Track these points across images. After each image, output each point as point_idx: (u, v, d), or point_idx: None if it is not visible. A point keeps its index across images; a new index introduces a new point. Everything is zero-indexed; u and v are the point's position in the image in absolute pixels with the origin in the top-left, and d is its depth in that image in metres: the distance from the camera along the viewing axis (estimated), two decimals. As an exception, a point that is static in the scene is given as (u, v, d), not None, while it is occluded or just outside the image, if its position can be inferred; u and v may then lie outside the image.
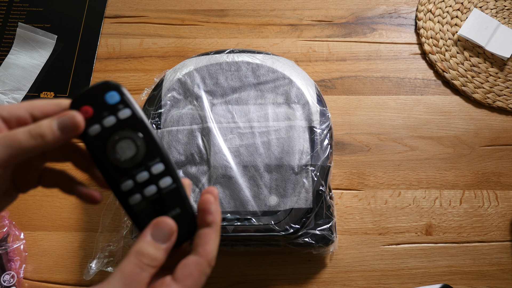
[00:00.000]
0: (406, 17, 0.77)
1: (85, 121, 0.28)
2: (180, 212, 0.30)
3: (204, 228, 0.29)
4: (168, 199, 0.30)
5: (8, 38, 0.75)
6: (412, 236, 0.61)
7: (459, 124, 0.68)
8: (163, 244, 0.28)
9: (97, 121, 0.29)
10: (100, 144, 0.29)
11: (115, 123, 0.29)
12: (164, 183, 0.30)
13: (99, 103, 0.29)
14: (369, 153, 0.66)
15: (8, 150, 0.25)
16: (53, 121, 0.27)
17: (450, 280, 0.59)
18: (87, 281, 0.58)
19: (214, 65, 0.60)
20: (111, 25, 0.77)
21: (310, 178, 0.54)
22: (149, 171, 0.30)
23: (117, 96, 0.29)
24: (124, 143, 0.29)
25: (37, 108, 0.28)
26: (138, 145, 0.29)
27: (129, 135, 0.29)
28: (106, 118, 0.29)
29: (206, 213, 0.30)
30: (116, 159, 0.29)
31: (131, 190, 0.30)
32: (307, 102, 0.57)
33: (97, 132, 0.29)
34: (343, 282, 0.59)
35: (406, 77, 0.72)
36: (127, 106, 0.30)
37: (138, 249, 0.27)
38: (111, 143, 0.29)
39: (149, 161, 0.30)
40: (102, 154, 0.29)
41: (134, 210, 0.30)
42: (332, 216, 0.57)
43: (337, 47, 0.74)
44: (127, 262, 0.27)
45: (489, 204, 0.63)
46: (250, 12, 0.77)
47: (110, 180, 0.30)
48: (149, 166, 0.30)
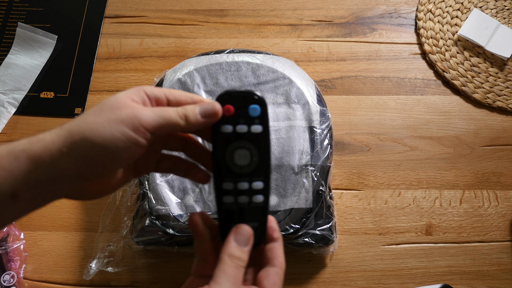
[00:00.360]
0: (406, 17, 0.77)
1: (223, 117, 0.32)
2: (257, 226, 0.34)
3: (272, 243, 0.35)
4: (253, 213, 0.34)
5: (8, 38, 0.75)
6: (412, 236, 0.61)
7: (459, 124, 0.68)
8: (245, 247, 0.33)
9: (232, 123, 0.33)
10: (225, 142, 0.33)
11: (245, 133, 0.33)
12: (257, 199, 0.34)
13: (241, 109, 0.33)
14: (369, 153, 0.66)
15: (161, 120, 0.30)
16: (196, 107, 0.32)
17: (450, 280, 0.59)
18: (87, 281, 0.58)
19: (214, 65, 0.60)
20: (111, 25, 0.77)
21: (310, 178, 0.54)
22: (250, 184, 0.33)
23: (258, 111, 0.33)
24: (243, 152, 0.33)
25: (173, 95, 0.32)
26: (253, 160, 0.33)
27: (250, 148, 0.33)
28: (240, 125, 0.33)
29: (273, 230, 0.35)
30: (230, 160, 0.33)
31: (229, 191, 0.33)
32: (307, 102, 0.57)
33: (228, 132, 0.33)
34: (343, 282, 0.59)
35: (406, 77, 0.72)
36: (262, 123, 0.33)
37: (230, 253, 0.32)
38: (233, 147, 0.33)
39: (254, 176, 0.33)
40: (222, 151, 0.33)
41: (223, 207, 0.34)
42: (332, 216, 0.56)
43: (337, 47, 0.74)
44: (226, 265, 0.31)
45: (489, 204, 0.63)
46: (250, 12, 0.77)
47: (217, 174, 0.33)
48: (252, 180, 0.33)
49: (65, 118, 0.69)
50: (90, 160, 0.29)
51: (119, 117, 0.29)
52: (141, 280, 0.59)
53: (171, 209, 0.53)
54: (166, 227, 0.53)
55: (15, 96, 0.71)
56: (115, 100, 0.31)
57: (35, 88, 0.72)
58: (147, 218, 0.54)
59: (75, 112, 0.70)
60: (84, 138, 0.29)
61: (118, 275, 0.59)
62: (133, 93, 0.31)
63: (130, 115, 0.29)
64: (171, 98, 0.32)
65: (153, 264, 0.59)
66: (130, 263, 0.59)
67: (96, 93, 0.71)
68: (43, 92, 0.72)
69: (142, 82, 0.72)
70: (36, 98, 0.71)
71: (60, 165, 0.29)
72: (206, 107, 0.32)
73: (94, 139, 0.29)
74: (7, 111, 0.70)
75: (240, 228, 0.33)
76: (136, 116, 0.29)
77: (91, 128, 0.29)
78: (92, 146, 0.29)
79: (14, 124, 0.69)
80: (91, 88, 0.72)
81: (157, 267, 0.59)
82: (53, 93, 0.71)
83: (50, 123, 0.69)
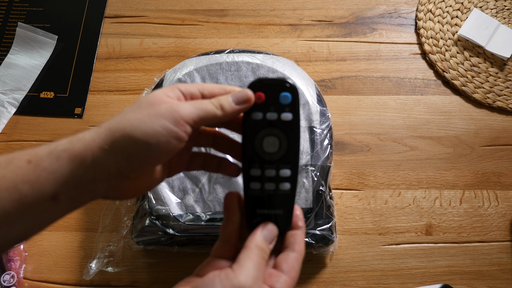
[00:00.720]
0: (406, 17, 0.77)
1: (254, 104, 0.33)
2: (282, 213, 0.35)
3: (296, 230, 0.35)
4: (279, 200, 0.35)
5: (8, 38, 0.75)
6: (412, 236, 0.61)
7: (459, 124, 0.68)
8: (270, 244, 0.34)
9: (262, 110, 0.33)
10: (255, 129, 0.33)
11: (275, 120, 0.33)
12: (283, 186, 0.34)
13: (272, 97, 0.33)
14: (369, 153, 0.66)
15: (199, 111, 0.31)
16: (229, 96, 0.32)
17: (450, 280, 0.59)
18: (87, 281, 0.58)
19: (214, 65, 0.60)
20: (111, 25, 0.77)
21: (310, 178, 0.54)
22: (278, 172, 0.34)
23: (289, 98, 0.33)
24: (272, 139, 0.33)
25: (207, 89, 0.33)
26: (282, 147, 0.33)
27: (279, 135, 0.33)
28: (270, 112, 0.33)
29: (298, 219, 0.36)
30: (259, 147, 0.33)
31: (257, 177, 0.34)
32: (307, 102, 0.57)
33: (258, 119, 0.33)
34: (343, 282, 0.59)
35: (406, 77, 0.72)
36: (292, 111, 0.33)
37: (258, 245, 0.33)
38: (262, 133, 0.33)
39: (282, 163, 0.34)
40: (251, 138, 0.33)
41: (250, 193, 0.34)
42: (332, 216, 0.57)
43: (337, 47, 0.74)
44: (252, 253, 0.32)
45: (489, 204, 0.63)
46: (250, 12, 0.77)
47: (246, 160, 0.34)
48: (280, 168, 0.34)
49: (65, 118, 0.69)
50: (131, 156, 0.30)
51: (159, 112, 0.30)
52: (141, 280, 0.59)
53: (171, 209, 0.53)
54: (166, 227, 0.53)
55: (15, 96, 0.71)
56: (152, 97, 0.31)
57: (35, 88, 0.72)
58: (147, 218, 0.54)
59: (75, 112, 0.70)
60: (125, 134, 0.29)
61: (118, 275, 0.59)
62: (168, 90, 0.32)
63: (169, 109, 0.30)
64: (205, 92, 0.33)
65: (153, 264, 0.59)
66: (130, 263, 0.59)
67: (96, 93, 0.71)
68: (43, 92, 0.72)
69: (142, 82, 0.72)
70: (36, 98, 0.71)
71: (102, 163, 0.29)
72: (239, 95, 0.32)
73: (136, 135, 0.29)
74: (7, 111, 0.70)
75: (269, 225, 0.34)
76: (175, 110, 0.30)
77: (132, 124, 0.29)
78: (134, 142, 0.29)
79: (14, 124, 0.69)
80: (91, 88, 0.72)
81: (157, 267, 0.59)
82: (53, 93, 0.71)
83: (50, 123, 0.69)
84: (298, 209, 0.36)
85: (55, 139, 0.30)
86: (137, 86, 0.71)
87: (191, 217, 0.53)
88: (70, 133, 0.64)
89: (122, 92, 0.71)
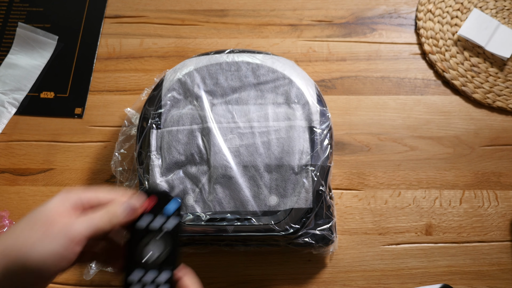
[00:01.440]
0: (406, 17, 0.77)
1: (141, 213, 0.36)
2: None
3: None
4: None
5: (8, 38, 0.75)
6: (412, 236, 0.61)
7: (459, 124, 0.68)
8: None
9: (147, 220, 0.36)
10: (137, 237, 0.36)
11: (157, 230, 0.36)
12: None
13: (157, 207, 0.36)
14: (369, 153, 0.66)
15: (90, 229, 0.33)
16: (119, 208, 0.35)
17: (450, 280, 0.59)
18: (87, 281, 0.58)
19: (214, 65, 0.60)
20: (111, 25, 0.77)
21: (310, 178, 0.54)
22: (157, 275, 0.36)
23: (172, 210, 0.36)
24: (153, 247, 0.36)
25: (97, 198, 0.36)
26: (162, 254, 0.36)
27: (160, 244, 0.36)
28: (153, 222, 0.36)
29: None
30: (139, 255, 0.36)
31: (137, 282, 0.36)
32: (307, 102, 0.57)
33: (142, 228, 0.36)
34: (343, 282, 0.59)
35: (406, 77, 0.72)
36: (173, 222, 0.36)
37: None
38: (145, 241, 0.36)
39: (162, 268, 0.36)
40: (134, 245, 0.36)
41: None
42: (332, 216, 0.57)
43: (337, 47, 0.74)
44: None
45: (489, 204, 0.63)
46: (250, 12, 0.77)
47: (127, 266, 0.36)
48: (160, 272, 0.36)
49: (65, 118, 0.69)
50: (23, 283, 0.31)
51: (51, 234, 0.32)
52: (141, 280, 0.59)
53: (171, 209, 0.53)
54: (166, 227, 0.53)
55: (16, 96, 0.71)
56: (47, 213, 0.33)
57: (35, 88, 0.72)
58: (147, 218, 0.54)
59: (75, 112, 0.70)
60: (18, 262, 0.31)
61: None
62: (61, 203, 0.34)
63: (63, 231, 0.32)
64: (94, 201, 0.35)
65: (153, 264, 0.59)
66: (130, 263, 0.59)
67: (96, 93, 0.71)
68: (43, 92, 0.72)
69: (142, 82, 0.72)
70: (36, 98, 0.71)
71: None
72: (126, 207, 0.35)
73: (28, 263, 0.31)
74: (8, 111, 0.70)
75: None
76: (68, 231, 0.32)
77: (25, 252, 0.31)
78: (26, 271, 0.31)
79: (14, 124, 0.69)
80: (91, 88, 0.72)
81: (157, 267, 0.59)
82: (53, 93, 0.72)
83: (50, 123, 0.69)
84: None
85: (55, 139, 0.31)
86: (137, 86, 0.71)
87: (191, 217, 0.53)
88: (70, 133, 0.65)
89: (122, 92, 0.71)
